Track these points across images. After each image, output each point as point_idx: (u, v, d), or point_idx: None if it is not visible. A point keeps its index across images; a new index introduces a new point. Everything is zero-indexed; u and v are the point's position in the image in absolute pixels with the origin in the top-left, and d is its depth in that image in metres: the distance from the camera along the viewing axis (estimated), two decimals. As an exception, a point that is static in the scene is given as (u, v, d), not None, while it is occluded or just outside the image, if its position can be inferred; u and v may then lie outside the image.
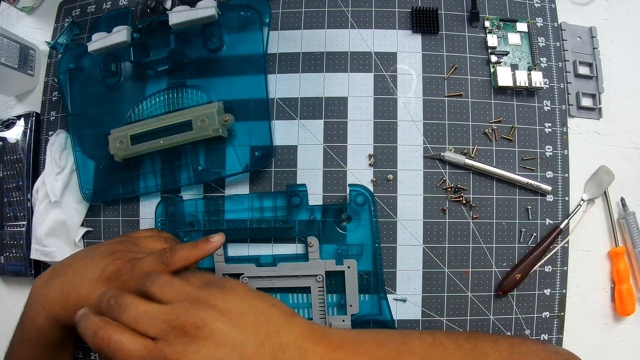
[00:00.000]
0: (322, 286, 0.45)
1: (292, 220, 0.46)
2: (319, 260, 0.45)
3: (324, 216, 0.46)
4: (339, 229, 0.46)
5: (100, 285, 0.36)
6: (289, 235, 0.47)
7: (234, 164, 0.47)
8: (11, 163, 0.53)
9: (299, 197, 0.46)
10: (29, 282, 0.53)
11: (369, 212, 0.45)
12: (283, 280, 0.46)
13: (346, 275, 0.45)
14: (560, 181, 0.48)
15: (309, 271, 0.45)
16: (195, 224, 0.48)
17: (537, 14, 0.50)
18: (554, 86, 0.49)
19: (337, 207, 0.46)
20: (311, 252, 0.45)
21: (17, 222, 0.52)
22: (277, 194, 0.47)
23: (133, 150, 0.47)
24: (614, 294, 0.47)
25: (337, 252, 0.45)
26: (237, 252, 0.48)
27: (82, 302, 0.35)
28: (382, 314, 0.45)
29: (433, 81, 0.49)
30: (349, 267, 0.45)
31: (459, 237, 0.47)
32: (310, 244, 0.45)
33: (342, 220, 0.46)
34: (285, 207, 0.46)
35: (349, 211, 0.46)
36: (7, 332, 0.52)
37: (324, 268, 0.45)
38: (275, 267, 0.45)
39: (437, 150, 0.48)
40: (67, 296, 0.36)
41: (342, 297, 0.45)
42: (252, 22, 0.47)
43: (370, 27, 0.50)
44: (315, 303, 0.45)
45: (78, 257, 0.39)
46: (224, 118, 0.45)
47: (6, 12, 0.59)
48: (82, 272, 0.37)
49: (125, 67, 0.50)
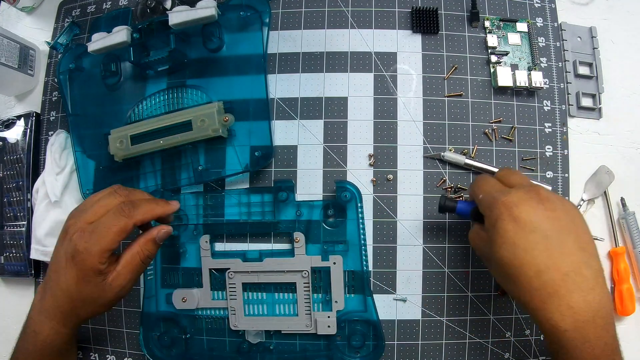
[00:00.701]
0: (308, 282, 0.45)
1: (278, 216, 0.46)
2: (305, 256, 0.45)
3: (310, 212, 0.46)
4: (325, 225, 0.46)
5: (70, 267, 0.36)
6: (275, 231, 0.47)
7: (234, 164, 0.47)
8: (11, 163, 0.53)
9: (286, 192, 0.46)
10: (29, 282, 0.53)
11: (356, 208, 0.45)
12: (269, 276, 0.46)
13: (332, 272, 0.45)
14: (560, 181, 0.48)
15: (294, 267, 0.45)
16: (183, 218, 0.48)
17: (537, 14, 0.50)
18: (554, 86, 0.49)
19: (324, 203, 0.46)
20: (297, 247, 0.45)
21: (17, 222, 0.52)
22: (264, 189, 0.47)
23: (133, 150, 0.47)
24: (614, 294, 0.47)
25: (323, 248, 0.45)
26: (223, 247, 0.48)
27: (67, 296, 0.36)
28: (368, 311, 0.45)
29: (433, 81, 0.49)
30: (334, 263, 0.45)
31: (459, 237, 0.47)
32: (296, 240, 0.45)
33: (329, 217, 0.46)
34: (272, 202, 0.46)
35: (336, 207, 0.46)
36: (7, 332, 0.52)
37: (310, 264, 0.45)
38: (262, 262, 0.46)
39: (437, 150, 0.48)
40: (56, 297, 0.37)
41: (327, 293, 0.45)
42: (252, 22, 0.47)
43: (370, 27, 0.50)
44: (300, 299, 0.45)
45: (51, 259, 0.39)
46: (223, 118, 0.46)
47: (6, 12, 0.59)
48: (56, 269, 0.37)
49: (125, 67, 0.50)
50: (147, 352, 0.47)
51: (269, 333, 0.46)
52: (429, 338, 0.46)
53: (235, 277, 0.46)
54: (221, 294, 0.47)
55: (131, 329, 0.49)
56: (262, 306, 0.47)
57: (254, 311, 0.47)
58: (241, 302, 0.46)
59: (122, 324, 0.50)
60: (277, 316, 0.46)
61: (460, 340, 0.46)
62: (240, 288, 0.46)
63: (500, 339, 0.46)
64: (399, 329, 0.46)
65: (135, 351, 0.49)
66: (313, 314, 0.45)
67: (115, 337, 0.50)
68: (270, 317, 0.46)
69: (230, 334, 0.47)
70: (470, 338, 0.46)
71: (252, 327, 0.46)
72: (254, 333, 0.46)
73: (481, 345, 0.46)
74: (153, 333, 0.48)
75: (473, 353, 0.46)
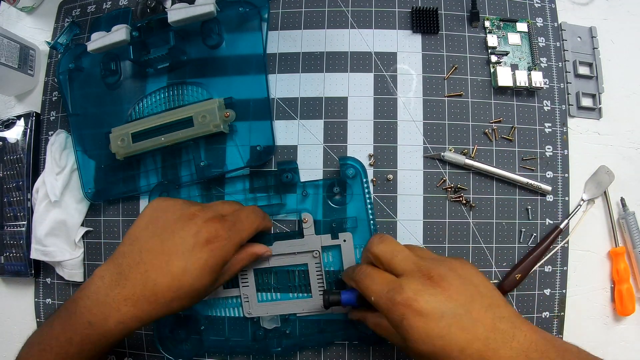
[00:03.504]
0: (319, 262, 0.45)
1: (284, 197, 0.46)
2: (314, 236, 0.45)
3: (316, 191, 0.46)
4: (332, 203, 0.46)
5: (199, 250, 0.34)
6: (283, 213, 0.47)
7: (236, 160, 0.47)
8: (11, 163, 0.53)
9: (290, 173, 0.46)
10: (29, 282, 0.53)
11: (361, 184, 0.45)
12: (280, 259, 0.45)
13: (342, 249, 0.45)
14: (560, 181, 0.48)
15: (305, 247, 0.45)
16: None
17: (537, 14, 0.50)
18: (554, 86, 0.49)
19: (329, 181, 0.46)
20: (306, 228, 0.45)
21: (17, 222, 0.52)
22: (268, 172, 0.47)
23: (134, 148, 0.47)
24: (614, 294, 0.47)
25: (332, 227, 0.45)
26: None
27: (174, 285, 0.34)
28: None
29: (433, 81, 0.49)
30: (344, 240, 0.45)
31: (459, 237, 0.47)
32: (305, 220, 0.45)
33: (335, 195, 0.46)
34: (276, 185, 0.46)
35: (341, 185, 0.46)
36: (7, 332, 0.52)
37: (320, 243, 0.45)
38: (271, 246, 0.45)
39: (437, 150, 0.48)
40: (154, 285, 0.34)
41: (340, 272, 0.45)
42: (251, 17, 0.47)
43: (370, 27, 0.50)
44: (313, 279, 0.45)
45: (144, 238, 0.36)
46: (224, 114, 0.46)
47: (6, 12, 0.59)
48: (169, 249, 0.35)
49: (125, 66, 0.50)
50: (162, 348, 0.46)
51: (284, 317, 0.46)
52: (429, 338, 0.46)
53: None
54: (233, 282, 0.46)
55: (131, 328, 0.49)
56: (276, 291, 0.46)
57: (268, 297, 0.46)
58: (254, 289, 0.46)
59: (122, 324, 0.50)
60: (291, 300, 0.46)
61: (460, 340, 0.46)
62: (252, 274, 0.46)
63: (500, 339, 0.46)
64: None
65: (135, 351, 0.49)
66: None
67: (115, 336, 0.50)
68: (284, 302, 0.46)
69: (245, 322, 0.47)
70: (470, 338, 0.46)
71: (266, 313, 0.46)
72: (269, 319, 0.46)
73: (481, 345, 0.46)
74: (166, 328, 0.47)
75: (473, 353, 0.46)
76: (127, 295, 0.34)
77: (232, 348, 0.47)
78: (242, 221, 0.38)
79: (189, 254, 0.34)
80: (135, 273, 0.34)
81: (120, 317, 0.34)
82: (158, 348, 0.46)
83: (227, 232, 0.36)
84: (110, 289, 0.34)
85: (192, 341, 0.47)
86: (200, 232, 0.35)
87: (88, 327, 0.34)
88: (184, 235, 0.35)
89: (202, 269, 0.35)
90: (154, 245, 0.35)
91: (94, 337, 0.34)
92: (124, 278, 0.34)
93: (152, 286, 0.34)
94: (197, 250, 0.35)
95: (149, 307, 0.34)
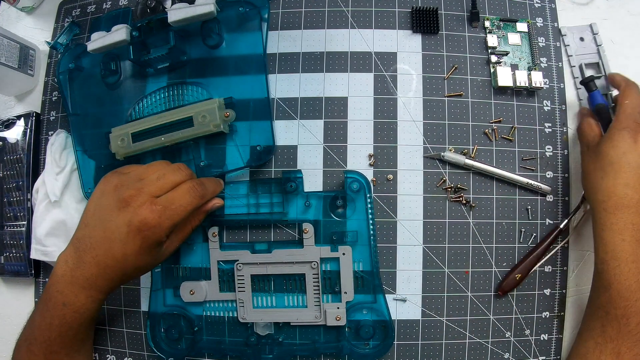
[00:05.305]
0: (317, 273, 0.45)
1: (287, 207, 0.46)
2: (314, 247, 0.45)
3: (319, 203, 0.46)
4: (334, 215, 0.46)
5: (132, 237, 0.37)
6: (284, 222, 0.47)
7: (236, 160, 0.47)
8: (11, 163, 0.53)
9: (295, 183, 0.46)
10: (29, 282, 0.53)
11: (364, 199, 0.45)
12: (278, 267, 0.46)
13: (341, 262, 0.45)
14: (560, 181, 0.48)
15: (303, 258, 0.45)
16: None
17: (537, 14, 0.50)
18: (554, 86, 0.49)
19: (333, 194, 0.46)
20: (306, 238, 0.45)
21: (17, 222, 0.52)
22: (273, 180, 0.47)
23: (134, 148, 0.47)
24: (614, 294, 0.47)
25: (332, 239, 0.45)
26: (232, 238, 0.48)
27: (119, 266, 0.38)
28: (377, 302, 0.45)
29: (433, 81, 0.49)
30: (343, 253, 0.45)
31: (459, 237, 0.47)
32: (305, 231, 0.45)
33: (338, 207, 0.46)
34: (280, 193, 0.46)
35: (345, 198, 0.46)
36: (7, 332, 0.52)
37: (319, 255, 0.45)
38: (270, 253, 0.45)
39: (437, 150, 0.48)
40: (105, 266, 0.37)
41: (337, 284, 0.45)
42: (251, 17, 0.47)
43: (370, 27, 0.50)
44: (309, 290, 0.45)
45: (91, 225, 0.39)
46: (224, 114, 0.46)
47: (6, 12, 0.59)
48: (109, 237, 0.37)
49: (125, 66, 0.50)
50: (154, 347, 0.47)
51: (278, 325, 0.46)
52: (429, 338, 0.46)
53: (243, 269, 0.46)
54: (229, 286, 0.47)
55: (131, 328, 0.49)
56: (271, 298, 0.46)
57: (263, 303, 0.46)
58: (250, 294, 0.46)
59: (122, 324, 0.50)
60: (286, 308, 0.46)
61: (460, 340, 0.46)
62: (249, 280, 0.46)
63: (500, 339, 0.46)
64: (398, 329, 0.46)
65: (135, 351, 0.49)
66: (322, 305, 0.45)
67: (115, 337, 0.50)
68: (279, 309, 0.46)
69: (239, 327, 0.47)
70: (470, 338, 0.46)
71: (260, 319, 0.46)
72: (263, 325, 0.46)
73: (481, 345, 0.46)
74: (160, 327, 0.47)
75: (473, 353, 0.46)
76: (87, 275, 0.38)
77: (225, 351, 0.47)
78: (174, 203, 0.38)
79: (125, 241, 0.37)
80: (88, 257, 0.38)
81: (87, 292, 0.38)
82: (151, 346, 0.47)
83: (158, 219, 0.37)
84: (74, 271, 0.38)
85: (185, 341, 0.47)
86: (132, 221, 0.37)
87: (63, 308, 0.38)
88: (119, 224, 0.37)
89: (138, 253, 0.37)
90: (98, 232, 0.38)
91: (69, 317, 0.38)
92: (82, 261, 0.38)
93: (104, 267, 0.38)
94: (131, 237, 0.37)
95: (106, 283, 0.38)
